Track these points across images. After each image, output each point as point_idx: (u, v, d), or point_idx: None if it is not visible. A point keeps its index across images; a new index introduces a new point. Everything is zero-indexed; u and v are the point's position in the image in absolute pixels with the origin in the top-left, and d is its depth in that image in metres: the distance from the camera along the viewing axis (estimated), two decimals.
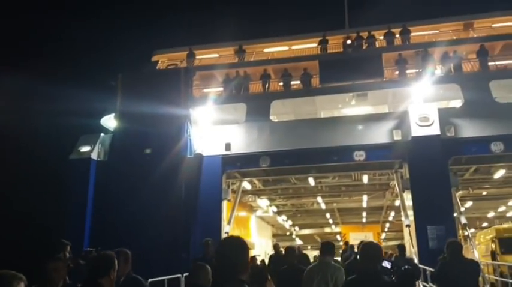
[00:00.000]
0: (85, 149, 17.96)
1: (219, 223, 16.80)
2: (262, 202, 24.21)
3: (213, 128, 17.90)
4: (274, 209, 27.33)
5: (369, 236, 31.70)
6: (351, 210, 28.84)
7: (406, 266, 4.01)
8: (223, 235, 16.65)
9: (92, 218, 16.97)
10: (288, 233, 37.42)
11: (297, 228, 36.71)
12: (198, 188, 16.99)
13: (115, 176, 16.86)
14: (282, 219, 30.70)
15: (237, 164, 17.40)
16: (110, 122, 20.00)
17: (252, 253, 22.71)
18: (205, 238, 10.61)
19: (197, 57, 22.56)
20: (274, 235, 34.11)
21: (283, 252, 10.91)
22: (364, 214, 29.98)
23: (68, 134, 21.12)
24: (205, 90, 21.05)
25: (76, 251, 8.02)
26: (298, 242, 42.38)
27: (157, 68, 22.79)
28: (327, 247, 6.14)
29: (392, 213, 28.81)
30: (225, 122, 18.14)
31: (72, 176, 17.86)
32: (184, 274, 10.84)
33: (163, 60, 23.81)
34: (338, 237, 36.86)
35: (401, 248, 12.47)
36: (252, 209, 25.74)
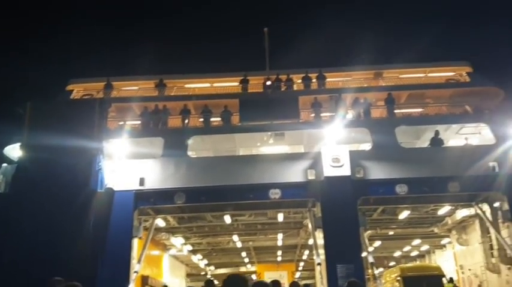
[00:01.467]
0: None
1: (128, 262, 15.99)
2: (177, 241, 23.50)
3: (127, 162, 17.28)
4: (189, 247, 26.60)
5: (283, 275, 31.91)
6: (266, 249, 28.84)
7: None
8: (132, 275, 15.88)
9: None
10: (203, 273, 36.48)
11: (212, 267, 35.91)
12: (107, 224, 16.18)
13: (17, 210, 15.59)
14: (197, 258, 29.92)
15: (150, 200, 16.86)
16: (14, 152, 18.65)
17: None
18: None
19: (115, 88, 22.03)
20: (188, 275, 33.09)
21: None
22: (279, 252, 30.14)
23: None
24: (122, 122, 20.47)
25: None
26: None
27: (71, 97, 21.85)
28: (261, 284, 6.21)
29: (307, 252, 29.25)
30: (140, 156, 17.64)
31: None
32: None
33: (78, 89, 22.93)
34: (254, 276, 36.59)
35: None
36: (165, 247, 24.87)
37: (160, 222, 19.58)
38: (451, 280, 19.76)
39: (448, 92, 20.86)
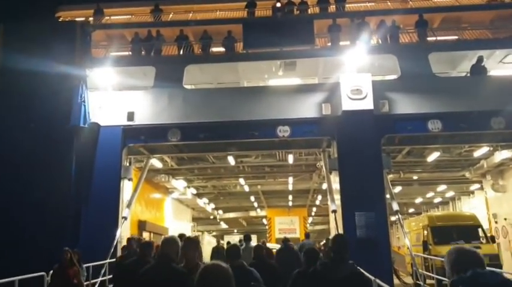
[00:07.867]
0: None
1: (116, 206, 14.07)
2: (178, 183, 21.64)
3: (114, 94, 15.04)
4: (193, 191, 24.88)
5: (294, 220, 30.34)
6: (276, 193, 26.94)
7: None
8: (120, 220, 13.97)
9: None
10: (211, 217, 35.18)
11: (220, 211, 34.52)
12: (92, 164, 14.18)
13: None
14: (203, 202, 28.32)
15: (140, 137, 14.67)
16: None
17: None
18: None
19: (108, 16, 19.43)
20: (195, 219, 31.66)
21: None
22: (290, 197, 28.26)
23: None
24: (113, 53, 18.04)
25: None
26: (223, 226, 40.46)
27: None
28: None
29: (320, 197, 27.34)
30: (129, 88, 15.36)
31: None
32: None
33: (66, 16, 20.42)
34: (264, 221, 35.35)
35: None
36: (167, 190, 23.07)
37: (156, 163, 17.62)
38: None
39: (490, 15, 17.67)
